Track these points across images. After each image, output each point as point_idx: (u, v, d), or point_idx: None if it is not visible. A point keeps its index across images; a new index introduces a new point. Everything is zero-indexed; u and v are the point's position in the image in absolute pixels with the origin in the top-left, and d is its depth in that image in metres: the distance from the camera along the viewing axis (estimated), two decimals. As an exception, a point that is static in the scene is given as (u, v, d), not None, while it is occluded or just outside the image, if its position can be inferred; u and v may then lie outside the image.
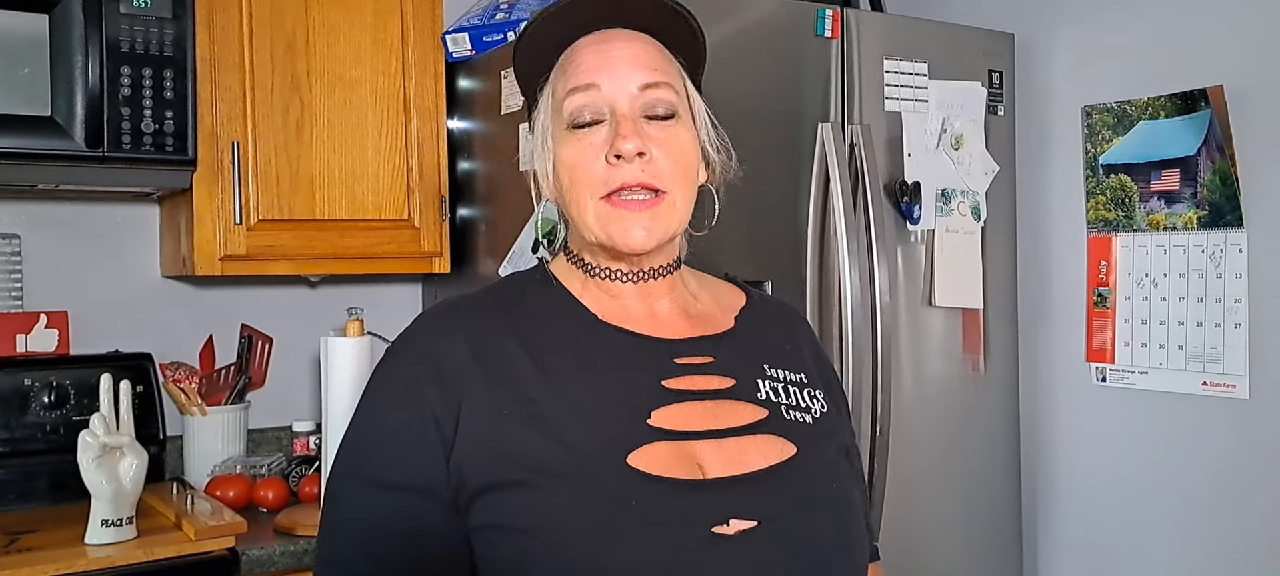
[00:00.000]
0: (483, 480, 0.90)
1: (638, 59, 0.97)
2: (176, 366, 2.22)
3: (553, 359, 0.95)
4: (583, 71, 0.97)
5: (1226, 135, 2.02)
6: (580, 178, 0.96)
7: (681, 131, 0.98)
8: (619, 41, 0.98)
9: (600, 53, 0.97)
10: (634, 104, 0.96)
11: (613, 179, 0.95)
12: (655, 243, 0.97)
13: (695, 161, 1.00)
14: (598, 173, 0.95)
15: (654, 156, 0.95)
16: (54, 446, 2.04)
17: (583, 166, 0.96)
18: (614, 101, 0.96)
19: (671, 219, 0.98)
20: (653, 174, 0.95)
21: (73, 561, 1.66)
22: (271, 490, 2.06)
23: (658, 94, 0.97)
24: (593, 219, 0.96)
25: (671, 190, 0.97)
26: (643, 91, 0.96)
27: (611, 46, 0.97)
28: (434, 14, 2.21)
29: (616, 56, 0.97)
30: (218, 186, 2.00)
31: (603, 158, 0.95)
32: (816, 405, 1.03)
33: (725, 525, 0.88)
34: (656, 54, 0.99)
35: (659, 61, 0.98)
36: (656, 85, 0.97)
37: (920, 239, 2.15)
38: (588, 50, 0.98)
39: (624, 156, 0.94)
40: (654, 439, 0.92)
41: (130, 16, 1.84)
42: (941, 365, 2.19)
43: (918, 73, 2.14)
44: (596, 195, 0.96)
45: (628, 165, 0.94)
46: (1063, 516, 2.38)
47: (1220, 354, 2.07)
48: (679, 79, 1.00)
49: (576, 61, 0.98)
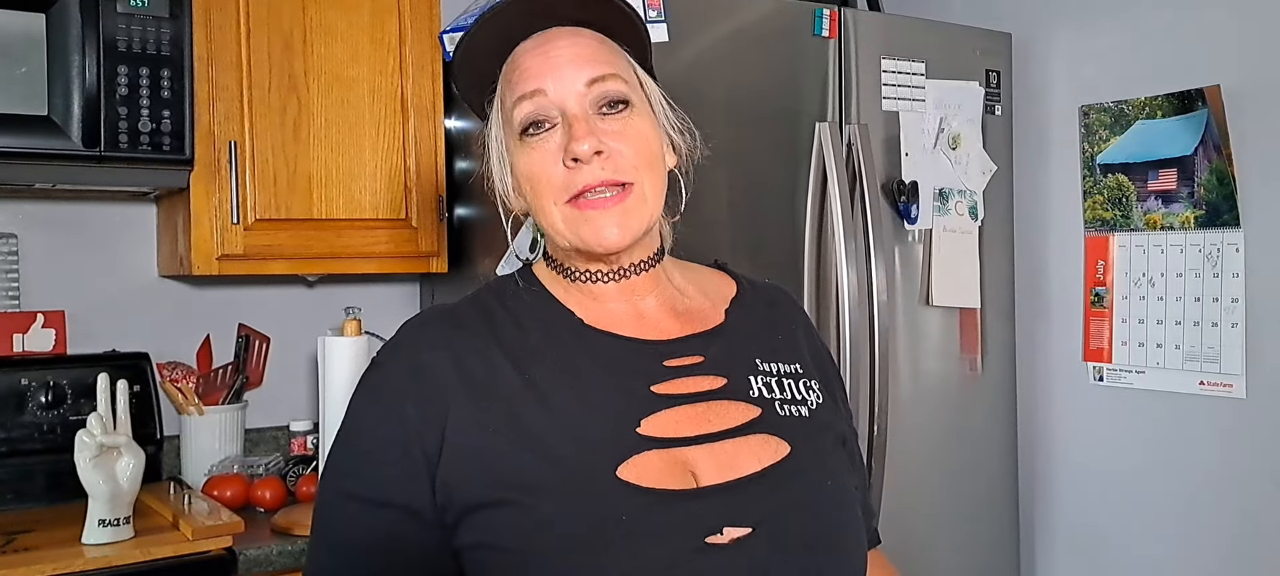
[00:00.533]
0: (470, 499, 0.88)
1: (580, 55, 0.94)
2: (174, 366, 2.22)
3: (538, 368, 0.93)
4: (526, 77, 0.94)
5: (1223, 135, 2.02)
6: (541, 185, 0.94)
7: (638, 120, 0.95)
8: (559, 40, 0.95)
9: (541, 55, 0.94)
10: (583, 101, 0.93)
11: (573, 182, 0.92)
12: (630, 238, 0.94)
13: (658, 147, 0.97)
14: (557, 178, 0.93)
15: (612, 150, 0.93)
16: (51, 446, 2.03)
17: (541, 173, 0.94)
18: (563, 103, 0.93)
19: (643, 211, 0.95)
20: (614, 168, 0.93)
21: (70, 561, 1.65)
22: (269, 490, 2.06)
23: (606, 86, 0.94)
24: (561, 224, 0.94)
25: (637, 181, 0.94)
26: (590, 87, 0.93)
27: (552, 47, 0.94)
28: (432, 13, 2.21)
29: (558, 56, 0.94)
30: (215, 186, 1.99)
31: (560, 161, 0.93)
32: (812, 397, 1.01)
33: (719, 534, 0.87)
34: (599, 46, 0.96)
35: (602, 54, 0.95)
36: (604, 78, 0.94)
37: (918, 238, 2.15)
38: (528, 55, 0.95)
39: (581, 159, 0.91)
40: (644, 448, 0.90)
41: (127, 15, 1.84)
42: (939, 364, 2.19)
43: (915, 72, 2.14)
44: (560, 200, 0.93)
45: (586, 166, 0.92)
46: (1060, 515, 2.38)
47: (1217, 353, 2.07)
48: (627, 67, 0.97)
49: (519, 68, 0.95)
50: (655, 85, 1.01)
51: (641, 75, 1.00)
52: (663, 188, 0.98)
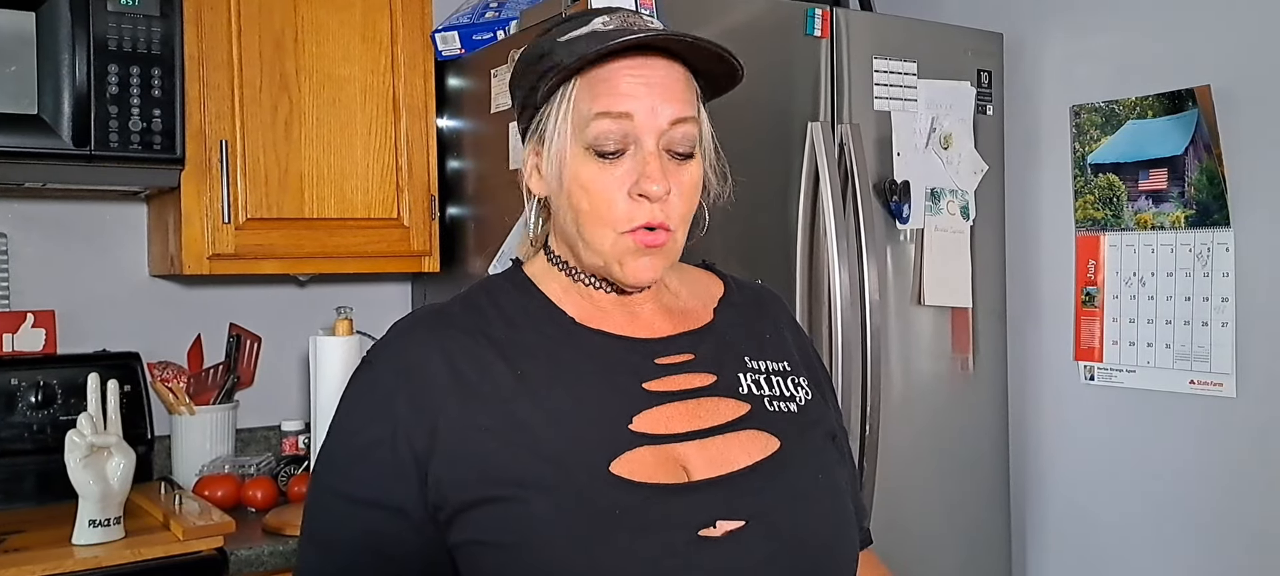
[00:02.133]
0: (464, 497, 0.89)
1: (671, 90, 0.94)
2: (164, 366, 2.21)
3: (531, 366, 0.94)
4: (617, 97, 0.92)
5: (1213, 135, 2.03)
6: (602, 208, 0.94)
7: (695, 170, 0.97)
8: (658, 68, 0.94)
9: (637, 79, 0.93)
10: (660, 139, 0.93)
11: (635, 216, 0.93)
12: (656, 277, 0.97)
13: (698, 195, 0.99)
14: (620, 206, 0.93)
15: (673, 200, 0.94)
16: (41, 446, 2.02)
17: (604, 197, 0.94)
18: (642, 135, 0.93)
19: (673, 254, 0.98)
20: (667, 214, 0.94)
21: (60, 561, 1.65)
22: (260, 490, 2.05)
23: (685, 129, 0.94)
24: (608, 247, 0.95)
25: (677, 229, 0.96)
26: (672, 126, 0.93)
27: (651, 73, 0.93)
28: (423, 12, 2.21)
29: (655, 82, 0.93)
30: (206, 185, 1.99)
31: (625, 190, 0.93)
32: (800, 393, 1.02)
33: (712, 527, 0.88)
34: (687, 86, 0.96)
35: (689, 95, 0.96)
36: (685, 121, 0.94)
37: (909, 238, 2.15)
38: (624, 73, 0.93)
39: (650, 198, 0.93)
40: (636, 444, 0.91)
41: (118, 14, 1.83)
42: (930, 364, 2.19)
43: (907, 72, 2.14)
44: (619, 229, 0.94)
45: (651, 204, 0.93)
46: (1051, 513, 2.39)
47: (1207, 352, 2.08)
48: (699, 110, 0.98)
49: (610, 83, 0.93)
50: (709, 127, 1.02)
51: (704, 117, 1.00)
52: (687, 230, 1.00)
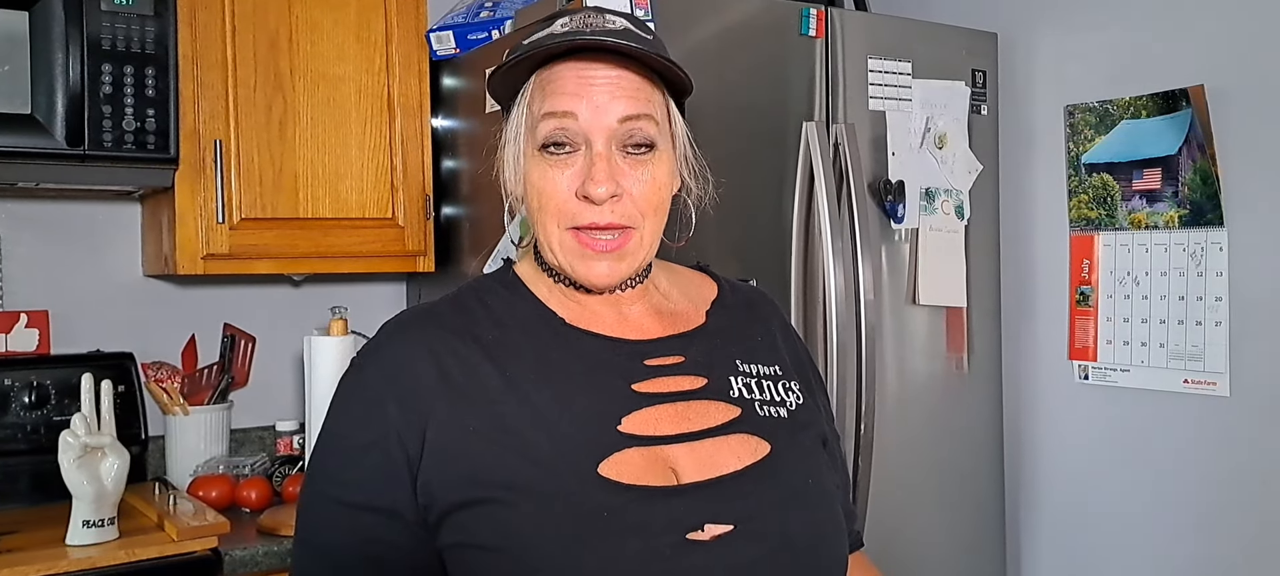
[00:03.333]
0: (452, 499, 0.88)
1: (620, 89, 0.92)
2: (158, 366, 2.21)
3: (519, 367, 0.94)
4: (561, 96, 0.92)
5: (1207, 134, 2.03)
6: (549, 204, 0.94)
7: (657, 165, 0.95)
8: (603, 66, 0.93)
9: (582, 77, 0.92)
10: (611, 138, 0.92)
11: (581, 216, 0.92)
12: (619, 280, 0.96)
13: (668, 193, 0.98)
14: (567, 206, 0.93)
15: (625, 195, 0.93)
16: (34, 447, 2.02)
17: (551, 195, 0.93)
18: (590, 133, 0.92)
19: (638, 254, 0.96)
20: (622, 213, 0.93)
21: (54, 562, 1.64)
22: (254, 490, 2.05)
23: (637, 125, 0.93)
24: (558, 247, 0.95)
25: (639, 227, 0.94)
26: (622, 123, 0.92)
27: (595, 72, 0.93)
28: (418, 12, 2.21)
29: (599, 81, 0.92)
30: (200, 185, 1.98)
31: (573, 191, 0.92)
32: (791, 398, 1.02)
33: (700, 530, 0.88)
34: (640, 82, 0.94)
35: (642, 90, 0.94)
36: (637, 117, 0.93)
37: (904, 237, 2.15)
38: (570, 73, 0.93)
39: (594, 200, 0.91)
40: (625, 446, 0.91)
41: (111, 13, 1.83)
42: (925, 363, 2.20)
43: (901, 72, 2.14)
44: (563, 226, 0.94)
45: (596, 206, 0.92)
46: (1045, 512, 2.39)
47: (1201, 351, 2.08)
48: (661, 106, 0.96)
49: (556, 82, 0.93)
50: (683, 127, 1.00)
51: (673, 114, 0.99)
52: (662, 226, 0.98)
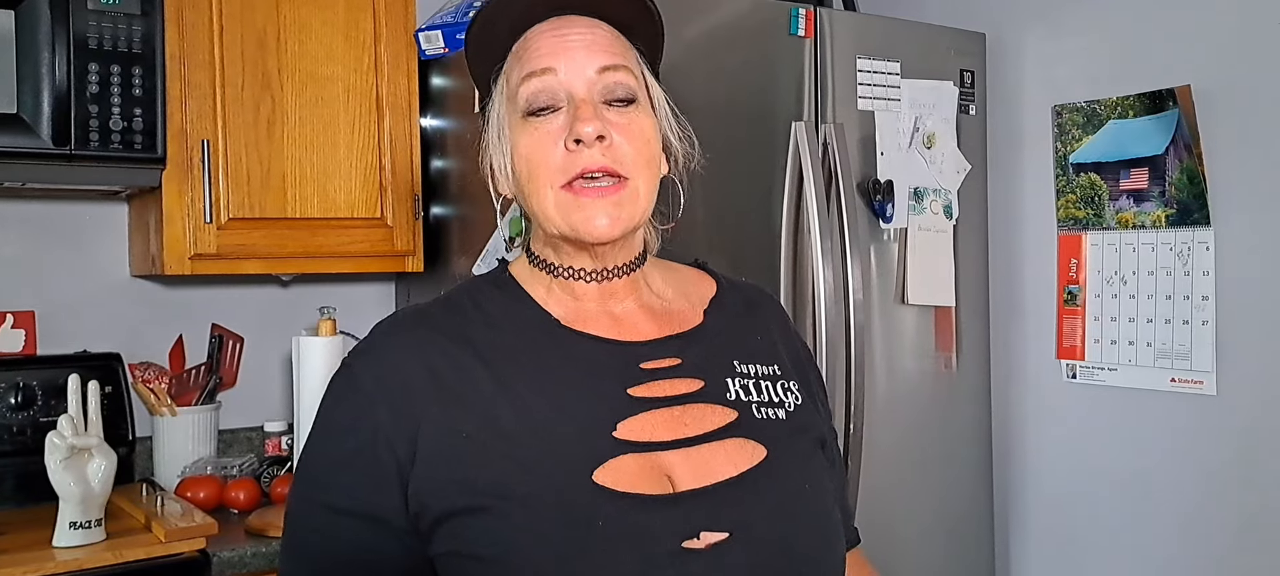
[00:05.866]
0: (444, 506, 0.87)
1: (595, 43, 0.94)
2: (146, 366, 2.20)
3: (513, 371, 0.92)
4: (538, 56, 0.93)
5: (1194, 134, 2.04)
6: (538, 166, 0.93)
7: (642, 117, 0.95)
8: (576, 27, 0.95)
9: (557, 37, 0.94)
10: (592, 88, 0.93)
11: (572, 166, 0.91)
12: (620, 231, 0.93)
13: (656, 148, 0.97)
14: (556, 160, 0.92)
15: (614, 141, 0.92)
16: (21, 448, 2.01)
17: (541, 154, 0.93)
18: (571, 86, 0.92)
19: (635, 207, 0.94)
20: (614, 159, 0.92)
21: (40, 564, 1.64)
22: (243, 491, 2.04)
23: (617, 77, 0.94)
24: (553, 208, 0.93)
25: (634, 177, 0.93)
26: (601, 74, 0.93)
27: (568, 31, 0.94)
28: (407, 11, 2.20)
29: (573, 41, 0.94)
30: (188, 185, 1.98)
31: (561, 144, 0.92)
32: (790, 398, 1.00)
33: (695, 538, 0.86)
34: (614, 39, 0.96)
35: (617, 46, 0.96)
36: (615, 68, 0.94)
37: (893, 237, 2.16)
38: (543, 36, 0.94)
39: (584, 141, 0.90)
40: (620, 452, 0.89)
41: (98, 12, 1.82)
42: (914, 362, 2.20)
43: (890, 72, 2.15)
44: (556, 184, 0.92)
45: (588, 150, 0.91)
46: (1033, 510, 2.40)
47: (1188, 350, 2.09)
48: (637, 65, 0.98)
49: (532, 47, 0.94)
50: (661, 91, 1.01)
51: (649, 77, 1.00)
52: (655, 191, 0.97)
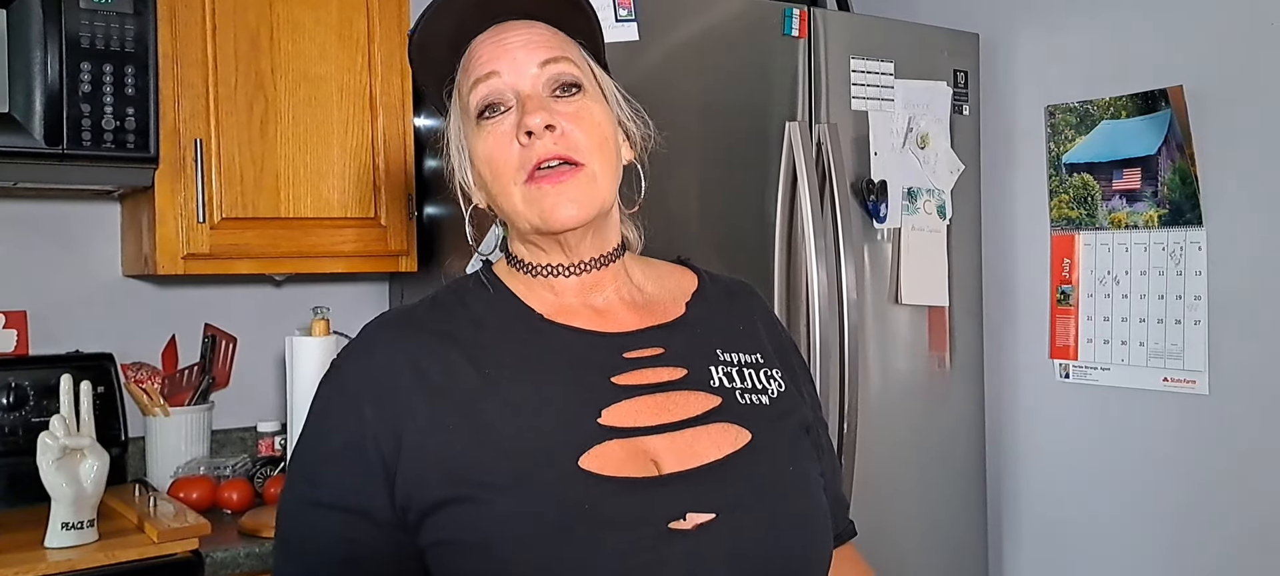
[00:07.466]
0: (431, 498, 0.89)
1: (533, 41, 0.97)
2: (138, 366, 2.19)
3: (498, 365, 0.94)
4: (481, 63, 0.97)
5: (1186, 135, 2.05)
6: (500, 165, 0.96)
7: (591, 103, 0.98)
8: (514, 30, 0.98)
9: (496, 43, 0.97)
10: (536, 83, 0.96)
11: (528, 158, 0.94)
12: (586, 216, 0.96)
13: (611, 133, 0.99)
14: (513, 156, 0.95)
15: (565, 129, 0.95)
16: (13, 448, 2.00)
17: (499, 153, 0.95)
18: (516, 84, 0.95)
19: (594, 190, 0.96)
20: (567, 146, 0.95)
21: (32, 565, 1.63)
22: (236, 491, 2.04)
23: (558, 68, 0.97)
24: (521, 203, 0.96)
25: (589, 162, 0.96)
26: (543, 67, 0.96)
27: (507, 35, 0.97)
28: (401, 11, 2.20)
29: (512, 42, 0.97)
30: (180, 184, 1.97)
31: (515, 141, 0.95)
32: (773, 386, 1.02)
33: (682, 519, 0.88)
34: (552, 34, 0.99)
35: (555, 41, 0.98)
36: (556, 60, 0.97)
37: (886, 237, 2.16)
38: (484, 44, 0.98)
39: (534, 132, 0.93)
40: (605, 438, 0.91)
41: (90, 11, 1.81)
42: (908, 362, 2.21)
43: (884, 72, 2.15)
44: (519, 180, 0.95)
45: (540, 140, 0.94)
46: (1027, 509, 2.41)
47: (1180, 350, 2.10)
48: (580, 56, 1.00)
49: (475, 57, 0.98)
50: (610, 79, 1.04)
51: (594, 67, 1.02)
52: (616, 175, 1.00)
